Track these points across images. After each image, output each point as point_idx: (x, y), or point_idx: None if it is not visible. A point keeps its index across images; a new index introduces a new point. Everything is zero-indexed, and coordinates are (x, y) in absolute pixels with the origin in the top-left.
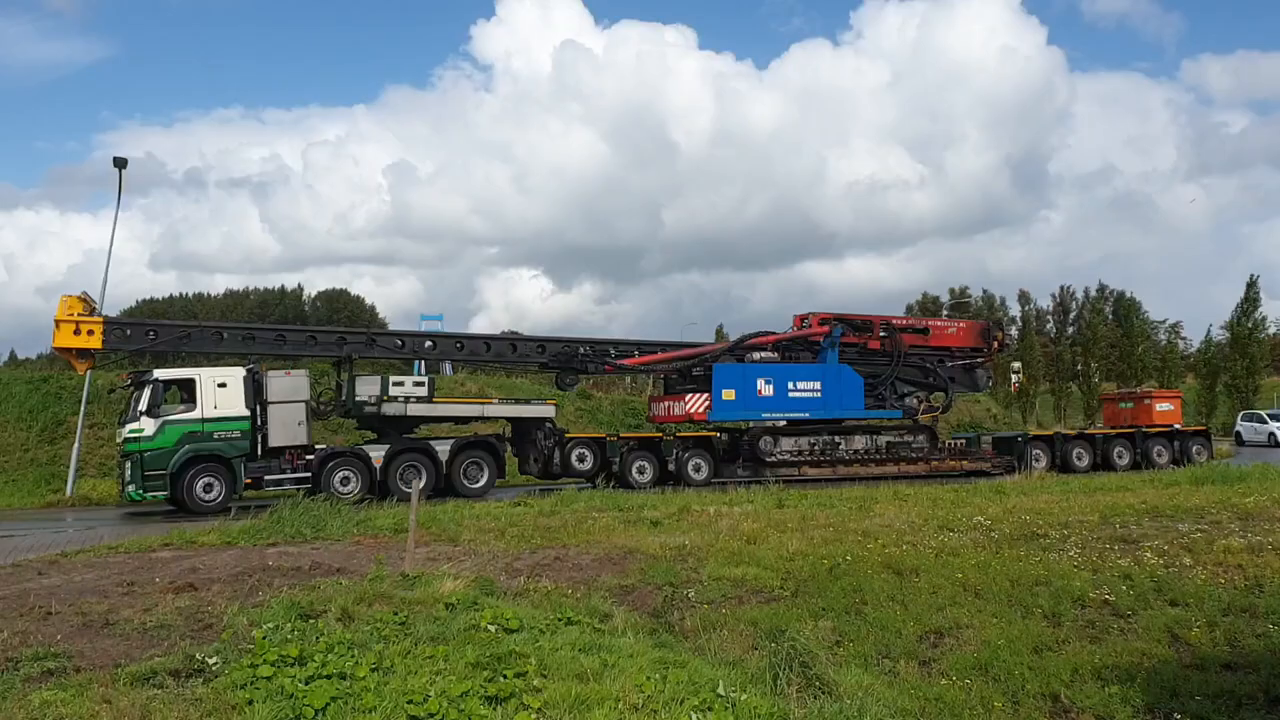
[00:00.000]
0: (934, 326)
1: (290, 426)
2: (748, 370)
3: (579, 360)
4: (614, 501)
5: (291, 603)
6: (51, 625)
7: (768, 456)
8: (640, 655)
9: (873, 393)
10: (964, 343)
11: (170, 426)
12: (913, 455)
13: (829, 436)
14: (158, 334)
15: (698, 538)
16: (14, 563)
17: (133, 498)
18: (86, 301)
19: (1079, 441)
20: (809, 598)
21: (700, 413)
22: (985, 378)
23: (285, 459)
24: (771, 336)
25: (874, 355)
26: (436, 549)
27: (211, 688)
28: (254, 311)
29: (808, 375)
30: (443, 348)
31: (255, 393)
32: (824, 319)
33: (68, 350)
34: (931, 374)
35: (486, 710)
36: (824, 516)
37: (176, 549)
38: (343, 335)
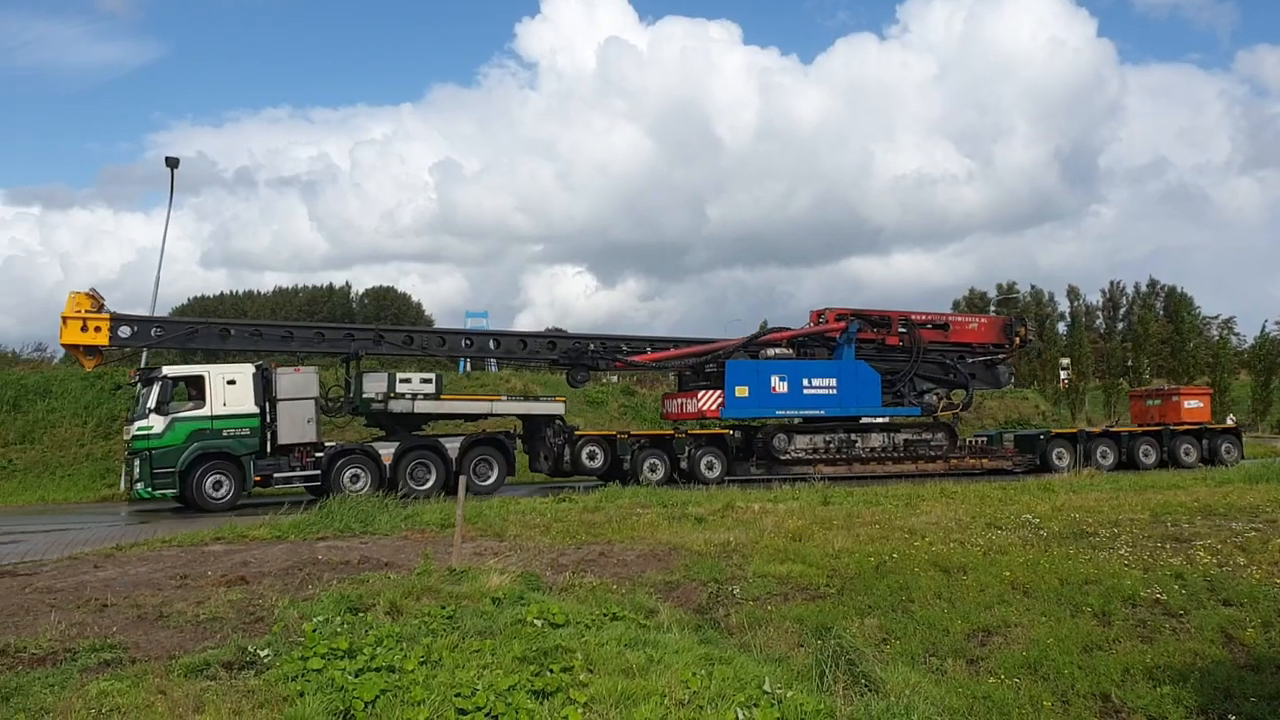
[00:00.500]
0: (954, 322)
1: (299, 424)
2: (761, 367)
3: (589, 357)
4: (658, 498)
5: (341, 596)
6: (107, 617)
7: (782, 454)
8: (686, 651)
9: (891, 389)
10: (985, 339)
11: (179, 424)
12: (931, 453)
13: (845, 434)
14: (165, 330)
15: (742, 534)
16: (71, 555)
17: (141, 495)
18: (95, 298)
19: (1103, 439)
20: (855, 595)
21: (713, 410)
22: (1007, 374)
23: (294, 456)
24: (786, 332)
25: (892, 351)
26: (482, 544)
27: (263, 679)
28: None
29: (823, 372)
30: (451, 344)
31: (264, 390)
32: (840, 314)
33: (75, 347)
34: (952, 370)
35: (534, 704)
36: (870, 514)
37: (228, 543)
38: (350, 332)
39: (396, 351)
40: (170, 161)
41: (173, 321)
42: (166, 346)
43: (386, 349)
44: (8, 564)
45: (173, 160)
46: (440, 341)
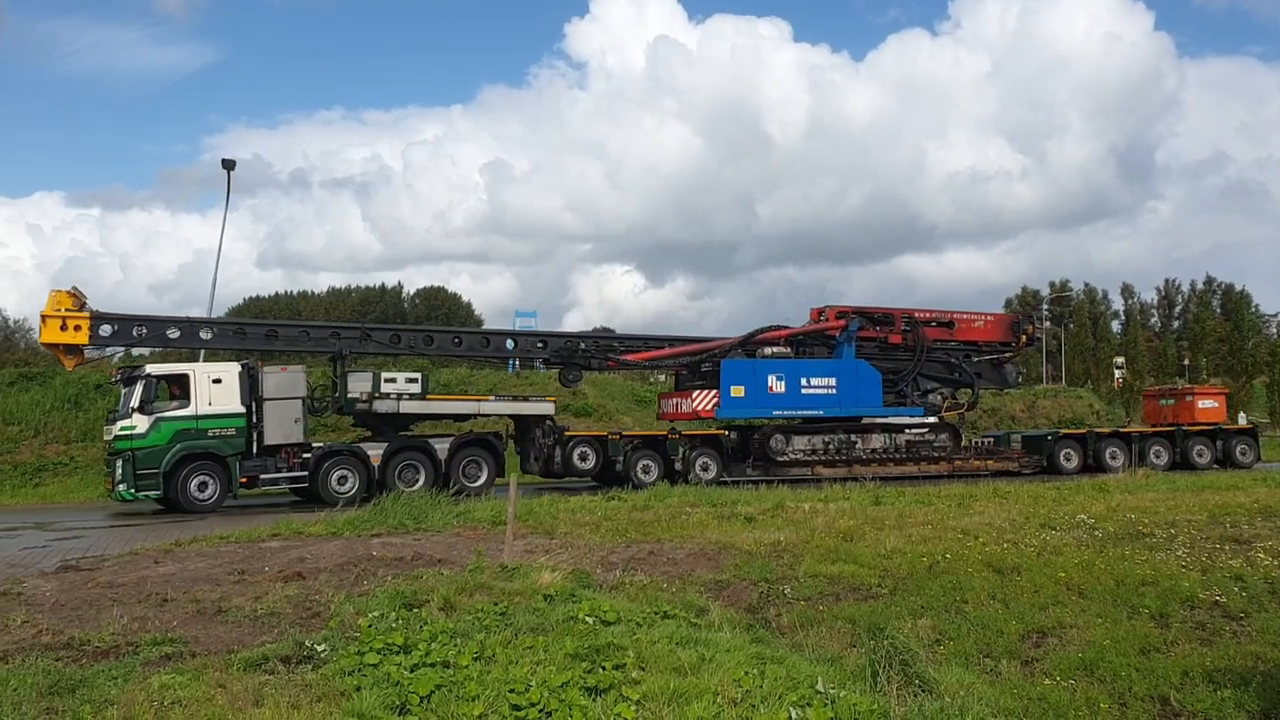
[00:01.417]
0: (960, 320)
1: (286, 424)
2: (758, 366)
3: (580, 356)
4: (707, 497)
5: (395, 592)
6: (168, 612)
7: (779, 456)
8: (737, 650)
9: (893, 389)
10: (992, 337)
11: (164, 423)
12: (935, 454)
13: (845, 435)
14: (146, 329)
15: (793, 534)
16: (132, 551)
17: (124, 497)
18: (76, 296)
19: (1113, 440)
20: (907, 595)
21: (708, 410)
22: (1015, 373)
23: (281, 457)
24: (784, 331)
25: (895, 350)
26: (533, 541)
27: (320, 674)
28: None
29: (822, 371)
30: (440, 343)
31: (251, 389)
32: (841, 312)
33: (55, 346)
34: (957, 369)
35: (586, 701)
36: (922, 514)
37: (284, 539)
38: (336, 330)
39: (384, 350)
40: (226, 164)
41: (154, 320)
42: (148, 346)
43: (373, 348)
44: (71, 559)
45: (229, 162)
46: (428, 340)
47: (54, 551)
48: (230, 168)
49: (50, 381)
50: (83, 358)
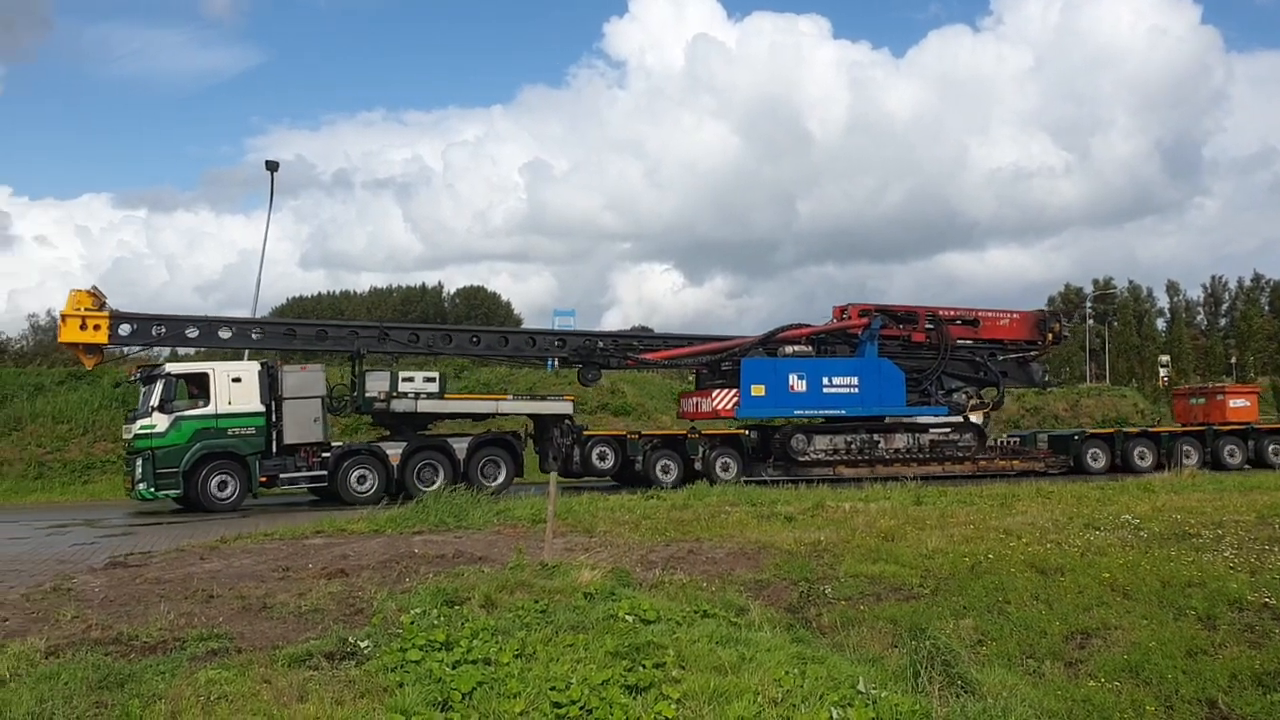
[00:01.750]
0: (985, 318)
1: (305, 423)
2: (779, 365)
3: (599, 354)
4: (747, 496)
5: (437, 589)
6: (213, 608)
7: (800, 455)
8: (778, 650)
9: (917, 388)
10: (1017, 335)
11: (184, 422)
12: (959, 454)
13: (867, 434)
14: (165, 328)
15: (833, 534)
16: (178, 548)
17: (143, 496)
18: (96, 296)
19: (1142, 440)
20: (949, 596)
21: (728, 409)
22: (1041, 371)
23: (300, 456)
24: (806, 329)
25: (919, 348)
26: (573, 539)
27: (364, 670)
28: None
29: (844, 370)
30: (458, 342)
31: (270, 388)
32: (864, 310)
33: (74, 345)
34: (982, 368)
35: (627, 699)
36: (964, 514)
37: (327, 536)
38: (355, 329)
39: (403, 349)
40: (270, 165)
41: (172, 319)
42: (167, 345)
43: (392, 347)
44: (119, 555)
45: (272, 164)
46: (447, 339)
47: (102, 548)
48: (274, 169)
49: (99, 381)
50: (102, 356)
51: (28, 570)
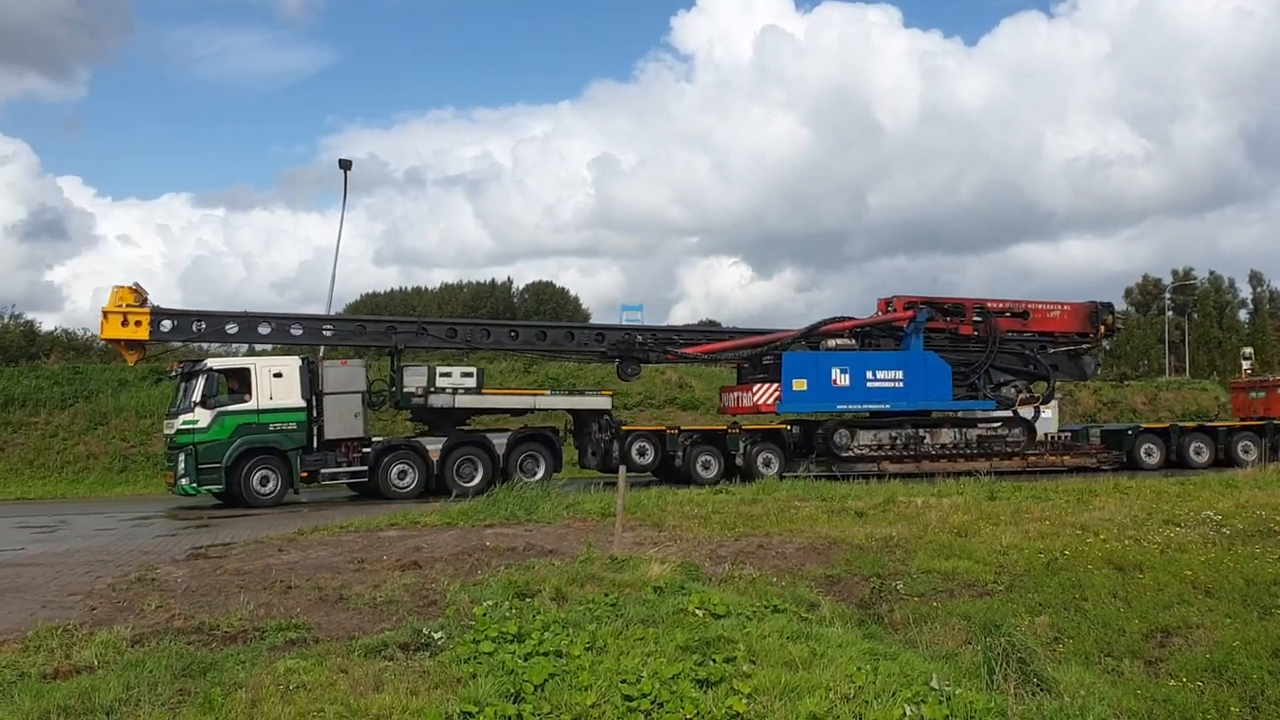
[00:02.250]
0: (1035, 310)
1: (346, 418)
2: (821, 359)
3: (638, 349)
4: (816, 491)
5: (509, 582)
6: (291, 598)
7: (843, 451)
8: (849, 645)
9: (964, 382)
10: (1068, 327)
11: (226, 417)
12: (1008, 449)
13: (912, 429)
14: (205, 324)
15: (905, 529)
16: (257, 540)
17: (186, 491)
18: (138, 292)
19: (1198, 435)
20: (1024, 592)
21: (769, 404)
22: (1093, 365)
23: (341, 451)
24: (849, 322)
25: (966, 342)
26: (642, 533)
27: (437, 661)
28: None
29: (888, 363)
30: (496, 336)
31: (311, 383)
32: (909, 302)
33: (116, 341)
34: (1031, 361)
35: (698, 693)
36: (1039, 509)
37: (401, 529)
38: (392, 324)
39: (440, 344)
40: (344, 164)
41: (213, 315)
42: (207, 340)
43: (429, 342)
44: (200, 546)
45: (346, 162)
46: (485, 334)
47: (183, 540)
48: (347, 168)
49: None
50: (144, 353)
51: (114, 561)
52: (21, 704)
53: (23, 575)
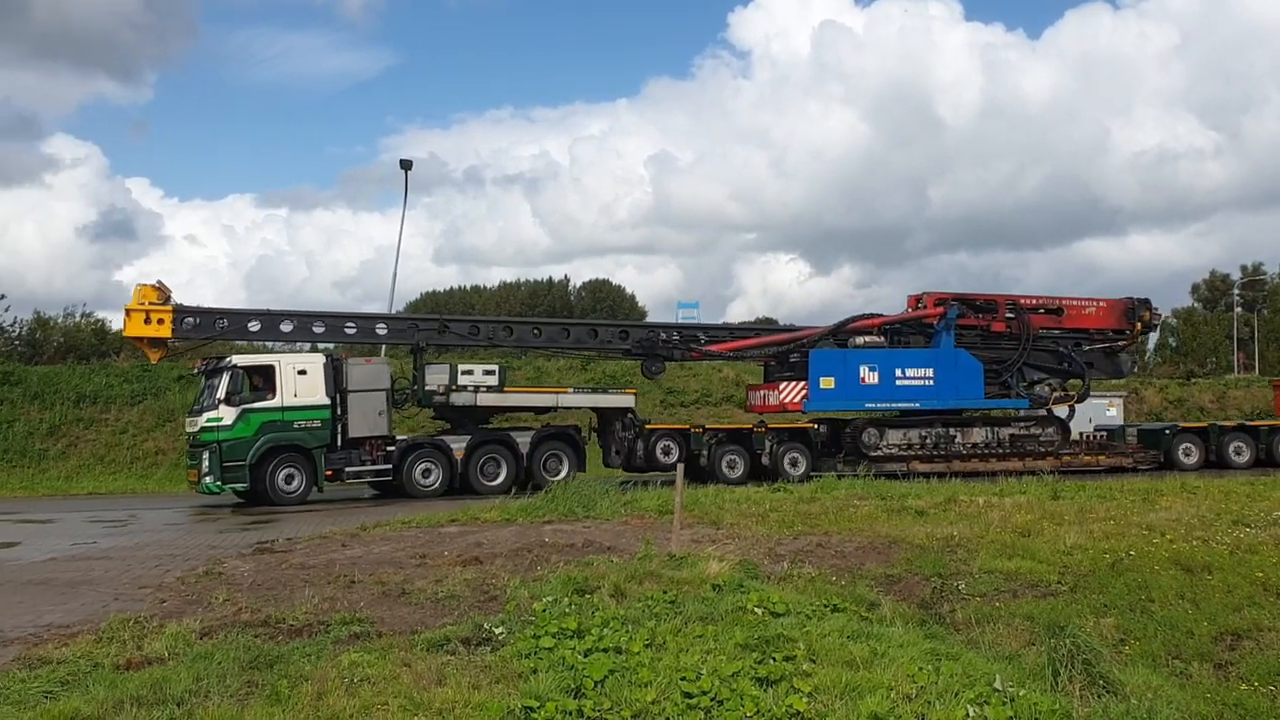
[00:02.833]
0: (1069, 306)
1: (371, 416)
2: (849, 356)
3: (663, 346)
4: (876, 490)
5: (568, 578)
6: (355, 593)
7: (872, 450)
8: (911, 645)
9: (997, 380)
10: (1104, 324)
11: (250, 415)
12: (1041, 449)
13: (943, 428)
14: (228, 322)
15: (966, 529)
16: (320, 535)
17: (210, 490)
18: (161, 290)
19: (1238, 434)
20: (1089, 593)
21: (795, 402)
22: (1130, 362)
23: (365, 450)
24: (878, 319)
25: (998, 339)
26: (700, 531)
27: (499, 655)
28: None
29: (918, 361)
30: (519, 334)
31: (335, 381)
32: (940, 299)
33: (139, 339)
34: (1066, 359)
35: (757, 691)
36: (1103, 509)
37: (462, 525)
38: (415, 322)
39: (463, 342)
40: (404, 164)
41: (235, 312)
42: (229, 338)
43: (451, 339)
44: (266, 541)
45: (406, 162)
46: (508, 332)
47: (249, 534)
48: (408, 168)
49: None
50: (167, 351)
51: (182, 555)
52: (96, 694)
53: (95, 568)
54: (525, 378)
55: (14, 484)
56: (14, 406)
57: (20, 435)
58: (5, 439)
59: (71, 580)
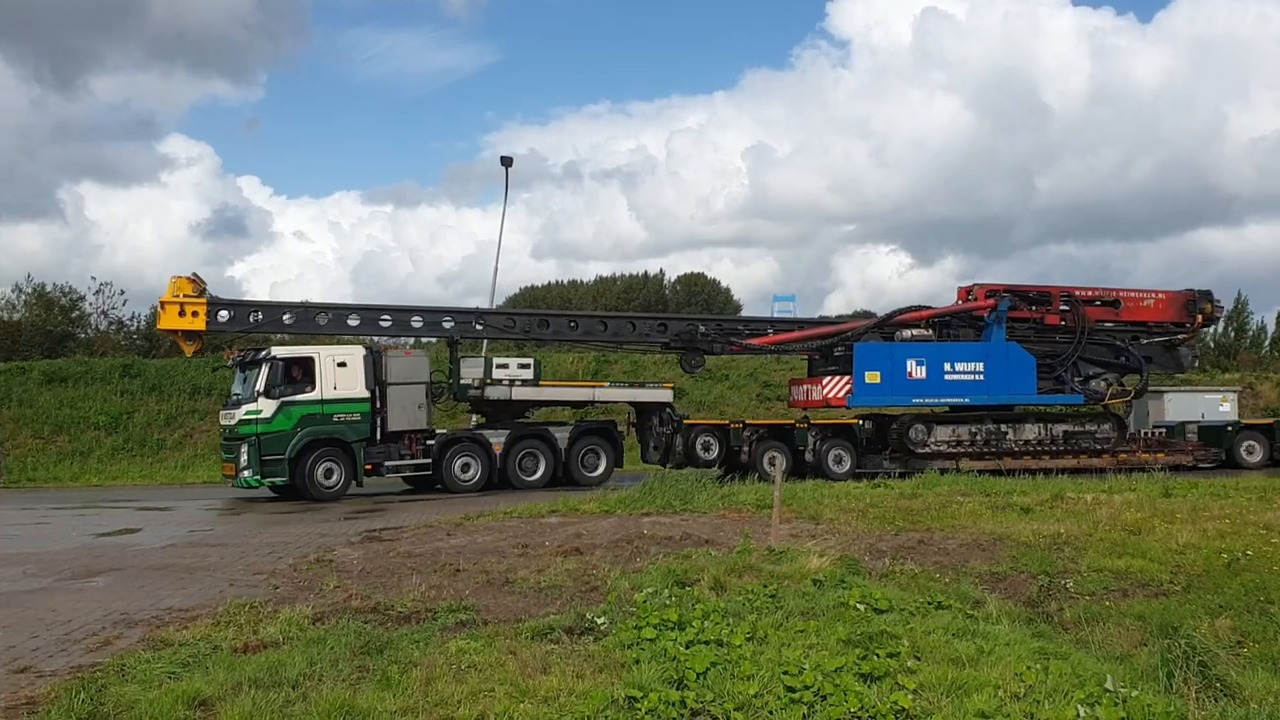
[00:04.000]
0: (1127, 298)
1: (410, 409)
2: (895, 350)
3: (702, 340)
4: (980, 486)
5: (668, 570)
6: (460, 581)
7: (919, 447)
8: (1018, 644)
9: (1050, 375)
10: (1163, 316)
11: (290, 408)
12: (1096, 447)
13: (994, 425)
14: (262, 314)
15: (1074, 526)
16: (426, 524)
17: (249, 484)
18: (196, 282)
19: None
20: (1203, 594)
21: (839, 398)
22: (1190, 356)
23: (404, 444)
24: (926, 311)
25: (1052, 332)
26: (798, 526)
27: (601, 645)
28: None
29: (968, 355)
30: (555, 327)
31: (375, 373)
32: (991, 291)
33: (173, 332)
34: (1123, 353)
35: (861, 687)
36: (1218, 507)
37: (562, 515)
38: (449, 314)
39: (499, 335)
40: (505, 160)
41: (269, 305)
42: (264, 330)
43: (487, 332)
44: (373, 530)
45: (507, 159)
46: (544, 324)
47: (357, 523)
48: (508, 164)
49: None
50: (202, 343)
51: (293, 543)
52: (216, 675)
53: (211, 555)
54: (623, 371)
55: (134, 473)
56: (133, 398)
57: (139, 426)
58: (126, 429)
59: (190, 566)
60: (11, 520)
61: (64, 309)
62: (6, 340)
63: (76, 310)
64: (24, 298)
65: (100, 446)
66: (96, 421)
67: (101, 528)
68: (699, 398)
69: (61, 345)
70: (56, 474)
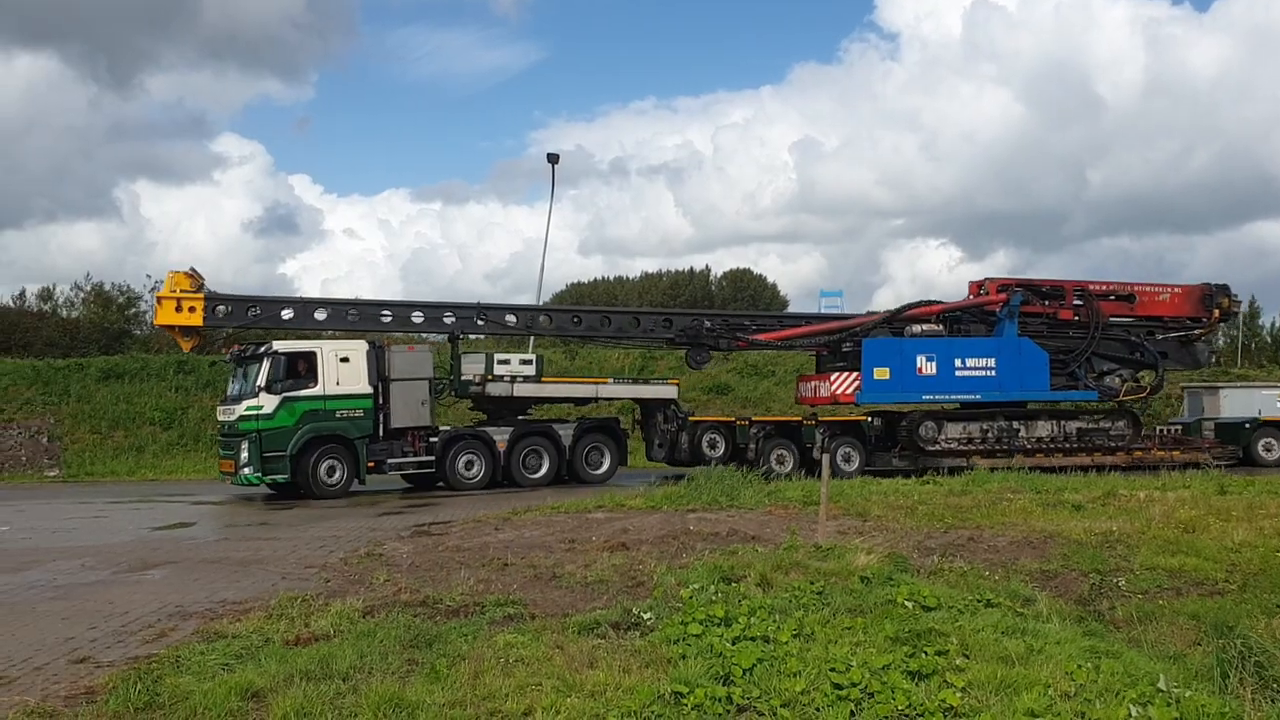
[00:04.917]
0: (1142, 293)
1: (413, 406)
2: (905, 346)
3: (707, 335)
4: (1030, 483)
5: (714, 566)
6: (508, 575)
7: (929, 445)
8: (1068, 642)
9: (1064, 371)
10: (1179, 312)
11: (292, 404)
12: (1111, 444)
13: (1005, 422)
14: (260, 310)
15: (1126, 524)
16: (474, 519)
17: (249, 481)
18: (194, 277)
19: None
20: (1260, 593)
21: (848, 394)
22: (1206, 352)
23: (407, 441)
24: (936, 306)
25: (1065, 327)
26: (845, 523)
27: (647, 640)
28: (666, 292)
29: (979, 351)
30: (559, 322)
31: (378, 369)
32: (1003, 285)
33: (170, 328)
34: (1138, 349)
35: (909, 684)
36: (1274, 504)
37: (608, 511)
38: (450, 310)
39: (500, 330)
40: (551, 157)
41: (268, 300)
42: (262, 326)
43: (489, 328)
44: (423, 524)
45: (554, 156)
46: (547, 320)
47: (407, 517)
48: (555, 161)
49: None
50: (200, 339)
51: (344, 537)
52: (268, 667)
53: (263, 549)
54: (668, 368)
55: (188, 467)
56: (188, 394)
57: (194, 421)
58: (180, 425)
59: (243, 559)
60: (70, 514)
61: (120, 307)
62: (65, 337)
63: (133, 308)
64: (82, 295)
65: (155, 441)
66: (152, 417)
67: (157, 521)
68: (745, 394)
69: (118, 342)
70: (113, 468)
